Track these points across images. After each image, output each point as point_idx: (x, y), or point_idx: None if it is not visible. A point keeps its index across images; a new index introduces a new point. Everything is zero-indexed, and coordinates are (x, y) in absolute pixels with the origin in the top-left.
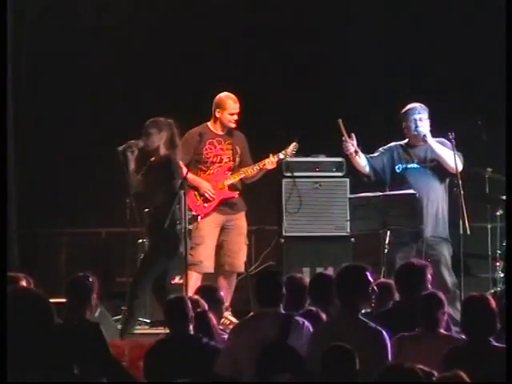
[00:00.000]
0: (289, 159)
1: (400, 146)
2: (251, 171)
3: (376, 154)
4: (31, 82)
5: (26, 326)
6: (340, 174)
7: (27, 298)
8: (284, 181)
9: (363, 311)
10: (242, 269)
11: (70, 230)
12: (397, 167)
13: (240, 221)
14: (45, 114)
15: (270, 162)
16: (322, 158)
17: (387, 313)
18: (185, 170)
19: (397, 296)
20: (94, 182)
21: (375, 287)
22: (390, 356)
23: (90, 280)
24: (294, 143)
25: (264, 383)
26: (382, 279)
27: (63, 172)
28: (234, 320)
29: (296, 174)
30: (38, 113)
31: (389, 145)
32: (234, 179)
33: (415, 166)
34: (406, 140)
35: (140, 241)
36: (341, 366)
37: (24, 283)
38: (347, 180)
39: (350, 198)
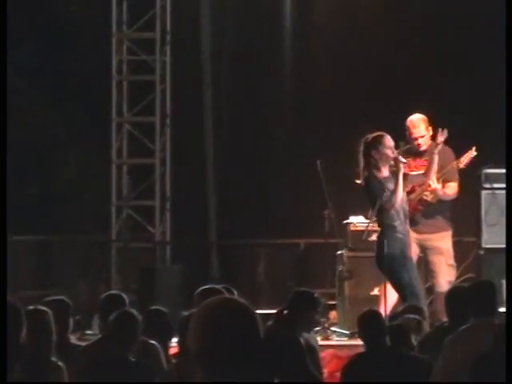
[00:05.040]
0: (488, 171)
1: None
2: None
3: None
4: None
5: (232, 337)
6: None
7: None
8: (483, 192)
9: None
10: (443, 289)
11: (268, 241)
12: None
13: (437, 242)
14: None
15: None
16: None
17: None
18: None
19: None
20: (294, 193)
21: None
22: None
23: (316, 296)
24: (470, 153)
25: None
26: None
27: (258, 182)
28: None
29: (495, 185)
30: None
31: None
32: (416, 195)
33: None
34: None
35: (339, 252)
36: None
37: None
38: None
39: None
